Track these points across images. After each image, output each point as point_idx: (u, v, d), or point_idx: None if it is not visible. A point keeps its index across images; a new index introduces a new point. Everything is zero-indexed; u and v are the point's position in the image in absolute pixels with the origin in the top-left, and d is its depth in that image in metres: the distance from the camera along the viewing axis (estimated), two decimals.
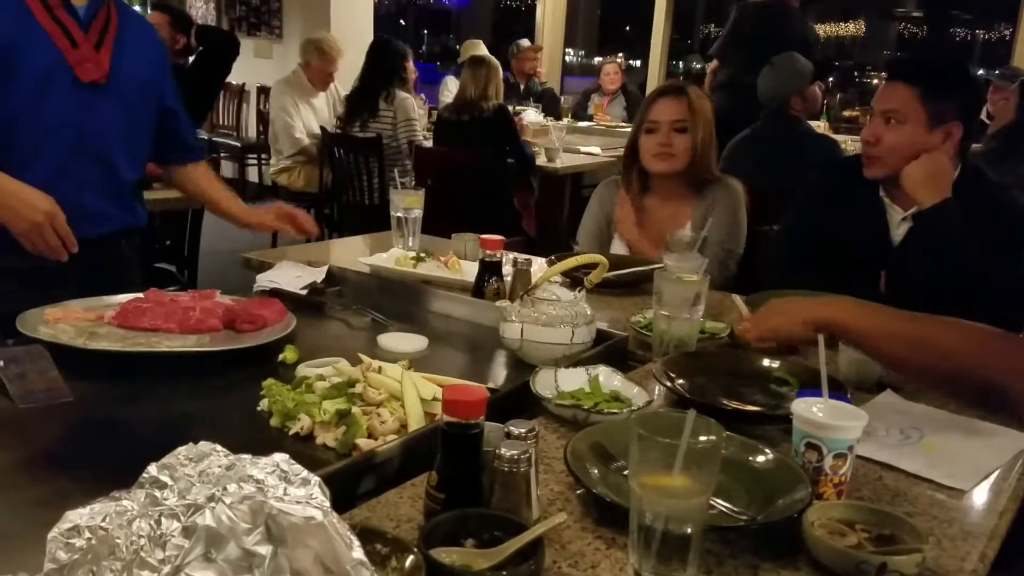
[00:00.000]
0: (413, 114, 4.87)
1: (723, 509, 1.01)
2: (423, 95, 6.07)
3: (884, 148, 1.98)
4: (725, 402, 1.35)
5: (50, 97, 1.77)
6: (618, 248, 2.42)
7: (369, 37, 7.03)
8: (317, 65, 5.40)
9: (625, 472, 1.03)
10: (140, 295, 1.67)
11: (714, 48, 5.25)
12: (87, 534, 0.66)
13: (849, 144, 4.64)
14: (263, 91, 7.28)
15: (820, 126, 5.63)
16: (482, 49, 6.40)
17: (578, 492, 1.06)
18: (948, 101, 1.95)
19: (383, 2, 12.19)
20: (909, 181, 1.94)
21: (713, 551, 0.95)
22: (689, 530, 0.85)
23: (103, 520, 0.66)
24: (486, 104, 4.51)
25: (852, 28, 12.95)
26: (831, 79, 8.09)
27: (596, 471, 1.08)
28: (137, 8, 10.00)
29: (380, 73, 4.88)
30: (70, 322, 1.53)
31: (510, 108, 5.18)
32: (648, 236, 2.38)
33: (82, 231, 1.76)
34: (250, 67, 6.88)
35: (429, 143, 4.84)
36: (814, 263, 2.14)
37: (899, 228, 2.05)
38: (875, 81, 11.35)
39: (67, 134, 1.81)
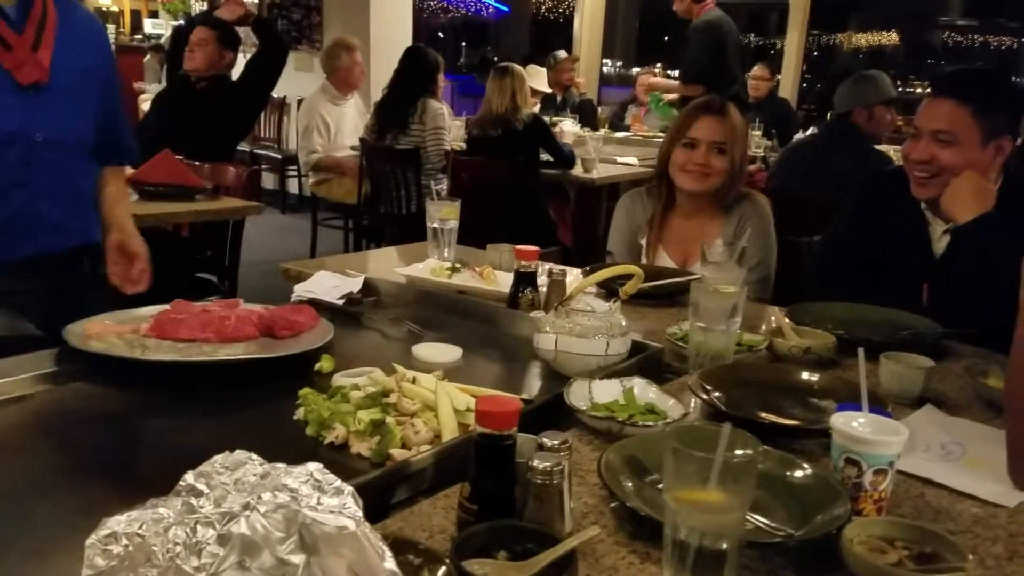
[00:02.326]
0: (442, 123, 4.84)
1: (760, 525, 0.99)
2: (450, 105, 6.08)
3: (940, 168, 1.91)
4: (762, 415, 1.33)
5: None
6: (646, 248, 2.41)
7: None
8: (347, 64, 5.45)
9: (660, 486, 1.03)
10: (167, 307, 1.65)
11: (693, 74, 5.29)
12: (124, 541, 0.67)
13: (893, 153, 4.58)
14: None
15: None
16: (542, 77, 6.42)
17: (612, 505, 1.05)
18: (999, 115, 1.90)
19: (422, 15, 12.29)
20: (948, 201, 1.89)
21: (750, 567, 0.93)
22: (725, 546, 0.84)
23: (140, 527, 0.67)
24: (518, 116, 4.47)
25: (894, 37, 12.77)
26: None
27: (630, 484, 1.07)
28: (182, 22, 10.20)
29: (412, 82, 4.87)
30: (112, 334, 1.54)
31: (546, 119, 5.18)
32: (669, 250, 2.37)
33: (41, 245, 1.71)
34: (291, 80, 6.95)
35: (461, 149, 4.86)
36: (856, 275, 2.11)
37: (941, 241, 2.01)
38: (918, 91, 11.17)
39: (12, 142, 1.74)
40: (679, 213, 2.39)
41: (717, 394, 1.38)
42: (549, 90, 6.76)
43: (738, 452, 0.84)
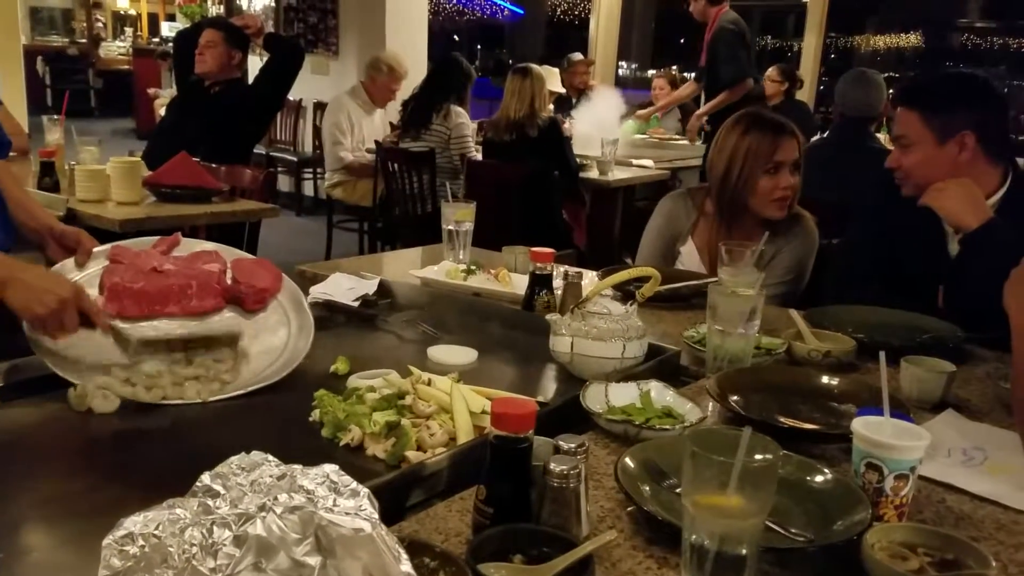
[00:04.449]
0: (467, 131, 4.92)
1: (779, 530, 0.98)
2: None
3: (906, 171, 2.04)
4: (782, 420, 1.32)
5: None
6: (688, 258, 2.37)
7: (424, 53, 7.13)
8: (384, 81, 5.53)
9: (677, 490, 1.02)
10: (105, 261, 1.53)
11: (737, 73, 5.27)
12: (141, 542, 0.66)
13: None
14: (320, 107, 7.41)
15: (881, 139, 5.56)
16: (555, 77, 6.43)
17: (629, 509, 1.04)
18: (949, 115, 1.97)
19: (437, 18, 12.32)
20: (949, 213, 1.93)
21: (769, 573, 0.92)
22: (744, 551, 0.83)
23: (156, 528, 0.67)
24: (534, 121, 4.44)
25: (912, 39, 12.69)
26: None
27: (647, 488, 1.06)
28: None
29: (442, 88, 4.96)
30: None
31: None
32: (707, 265, 2.34)
33: None
34: (307, 83, 7.00)
35: (479, 155, 4.88)
36: (874, 278, 2.10)
37: (955, 241, 2.01)
38: None
39: None
40: (724, 230, 2.28)
41: (735, 398, 1.37)
42: (562, 90, 6.75)
43: (758, 456, 0.83)
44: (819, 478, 1.08)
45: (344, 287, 1.95)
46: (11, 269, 1.38)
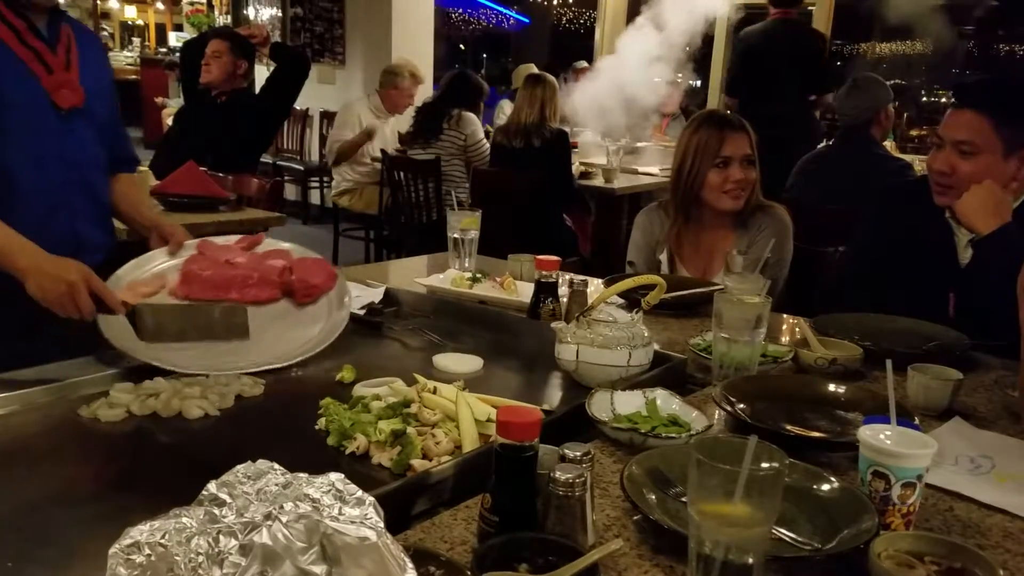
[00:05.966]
0: (482, 136, 4.93)
1: (786, 539, 0.98)
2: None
3: (960, 179, 1.90)
4: (788, 428, 1.31)
5: (34, 128, 1.73)
6: (666, 265, 2.41)
7: (429, 62, 7.16)
8: (407, 86, 5.56)
9: (683, 499, 1.01)
10: (193, 251, 1.79)
11: (727, 85, 5.19)
12: (147, 550, 0.67)
13: (918, 164, 4.54)
14: (326, 116, 7.44)
15: (888, 146, 5.54)
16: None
17: (635, 518, 1.04)
18: (1022, 126, 1.88)
19: (443, 27, 12.35)
20: (965, 214, 1.88)
21: None
22: (751, 560, 0.82)
23: (163, 537, 0.67)
24: (542, 131, 4.46)
25: (918, 46, 12.67)
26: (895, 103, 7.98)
27: (653, 497, 1.06)
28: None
29: (455, 98, 4.98)
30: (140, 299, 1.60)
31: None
32: (687, 265, 2.36)
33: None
34: (314, 93, 7.03)
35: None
36: (882, 286, 2.09)
37: (966, 251, 1.99)
38: (943, 100, 11.07)
39: (55, 165, 1.77)
40: (695, 229, 2.37)
41: (741, 406, 1.36)
42: None
43: (764, 465, 0.83)
44: (825, 486, 1.07)
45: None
46: (32, 257, 1.54)
